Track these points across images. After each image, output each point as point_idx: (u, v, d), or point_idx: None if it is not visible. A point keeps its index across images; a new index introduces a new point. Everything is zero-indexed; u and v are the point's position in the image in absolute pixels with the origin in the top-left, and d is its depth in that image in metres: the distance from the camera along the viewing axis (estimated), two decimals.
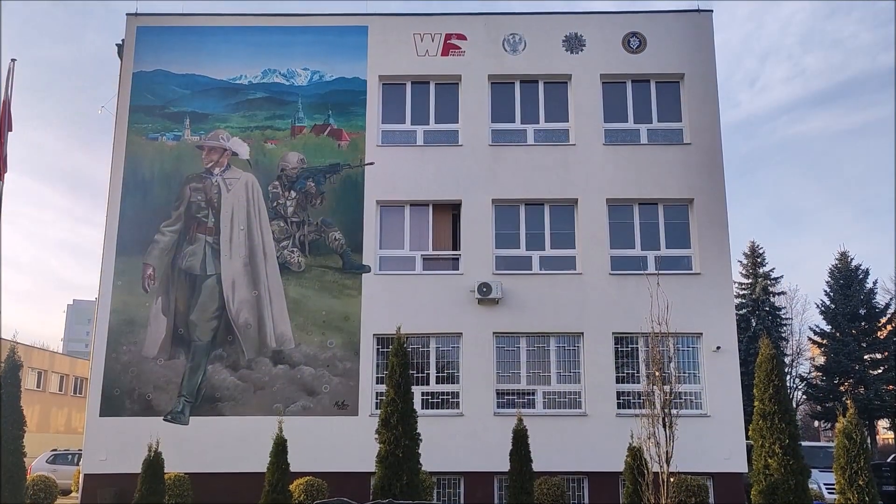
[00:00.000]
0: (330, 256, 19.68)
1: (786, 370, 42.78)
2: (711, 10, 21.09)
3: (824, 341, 41.71)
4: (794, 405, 43.22)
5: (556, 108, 20.80)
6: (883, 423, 46.32)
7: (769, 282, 42.68)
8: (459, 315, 19.28)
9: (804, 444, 15.41)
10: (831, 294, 41.56)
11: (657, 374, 12.88)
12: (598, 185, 20.10)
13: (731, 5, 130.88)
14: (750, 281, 42.77)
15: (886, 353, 39.27)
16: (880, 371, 39.31)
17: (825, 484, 19.24)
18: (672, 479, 12.52)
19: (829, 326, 41.39)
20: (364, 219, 19.82)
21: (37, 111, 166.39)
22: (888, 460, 26.61)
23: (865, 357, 40.12)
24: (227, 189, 20.01)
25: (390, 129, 20.66)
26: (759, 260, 43.24)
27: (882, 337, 40.34)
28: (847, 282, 41.18)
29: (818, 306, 42.18)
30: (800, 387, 44.81)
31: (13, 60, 17.82)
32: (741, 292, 42.19)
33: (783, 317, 43.92)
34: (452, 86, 20.87)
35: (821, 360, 42.77)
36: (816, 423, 49.17)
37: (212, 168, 20.19)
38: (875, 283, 41.78)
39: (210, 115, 20.55)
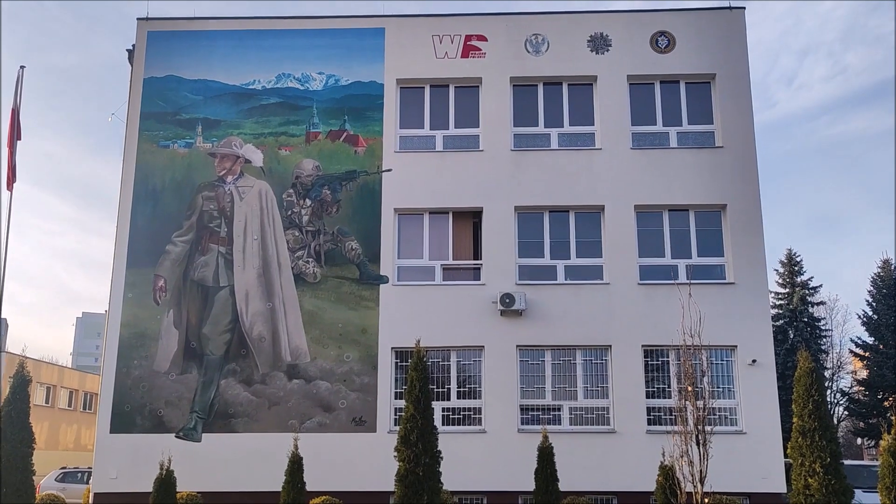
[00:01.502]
0: (346, 267, 19.43)
1: (826, 384, 42.09)
2: (744, 7, 20.74)
3: (867, 354, 40.95)
4: (836, 421, 42.64)
5: (580, 110, 20.53)
6: None
7: (807, 291, 41.89)
8: (481, 327, 19.01)
9: (846, 462, 15.16)
10: (874, 304, 40.74)
11: (689, 388, 12.64)
12: (626, 190, 19.78)
13: (766, 1, 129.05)
14: (787, 290, 42.01)
15: None
16: None
17: None
18: (706, 500, 12.37)
19: (872, 338, 40.60)
20: (381, 227, 19.61)
21: (45, 119, 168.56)
22: None
23: None
24: (240, 198, 19.84)
25: (408, 134, 20.47)
26: (796, 268, 42.41)
27: None
28: (890, 291, 40.28)
29: (860, 317, 41.37)
30: (841, 402, 44.17)
31: (22, 68, 17.99)
32: (778, 302, 41.47)
33: (822, 328, 43.14)
34: (473, 89, 20.63)
35: (863, 374, 42.28)
36: (859, 441, 48.27)
37: (224, 176, 20.03)
38: None
39: (222, 121, 20.44)
